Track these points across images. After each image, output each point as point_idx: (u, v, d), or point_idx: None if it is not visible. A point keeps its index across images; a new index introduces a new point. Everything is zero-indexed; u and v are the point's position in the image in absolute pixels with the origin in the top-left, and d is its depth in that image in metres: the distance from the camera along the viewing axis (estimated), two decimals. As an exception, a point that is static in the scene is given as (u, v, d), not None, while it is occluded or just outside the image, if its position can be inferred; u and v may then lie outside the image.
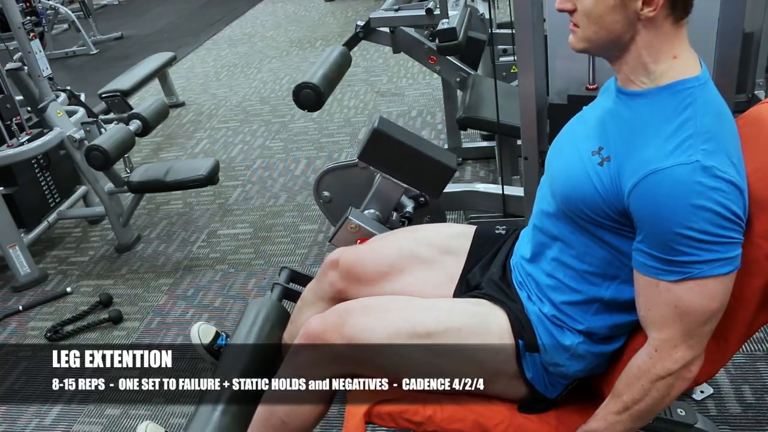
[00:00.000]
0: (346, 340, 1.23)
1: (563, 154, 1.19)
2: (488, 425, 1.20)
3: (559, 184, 1.16)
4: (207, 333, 1.73)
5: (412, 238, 1.46)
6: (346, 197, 2.19)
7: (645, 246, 1.01)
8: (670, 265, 0.99)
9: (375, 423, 1.22)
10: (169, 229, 3.14)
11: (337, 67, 2.55)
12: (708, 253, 0.96)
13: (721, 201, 0.94)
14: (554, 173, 1.20)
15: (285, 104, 4.50)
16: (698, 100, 1.00)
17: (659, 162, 0.96)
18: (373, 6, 6.60)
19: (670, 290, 1.00)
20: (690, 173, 0.94)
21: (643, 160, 0.98)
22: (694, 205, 0.94)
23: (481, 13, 3.18)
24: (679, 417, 1.49)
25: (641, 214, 0.99)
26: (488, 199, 2.32)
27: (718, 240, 0.96)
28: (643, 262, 1.02)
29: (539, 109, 1.72)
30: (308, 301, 1.56)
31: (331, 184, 2.20)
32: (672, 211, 0.95)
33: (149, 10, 8.37)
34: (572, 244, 1.16)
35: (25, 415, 2.12)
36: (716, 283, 0.98)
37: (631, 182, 0.99)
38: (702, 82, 1.02)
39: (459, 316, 1.23)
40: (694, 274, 0.98)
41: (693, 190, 0.94)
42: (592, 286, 1.16)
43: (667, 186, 0.95)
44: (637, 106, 1.05)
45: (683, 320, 1.01)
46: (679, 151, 0.96)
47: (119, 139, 2.61)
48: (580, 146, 1.12)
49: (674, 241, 0.96)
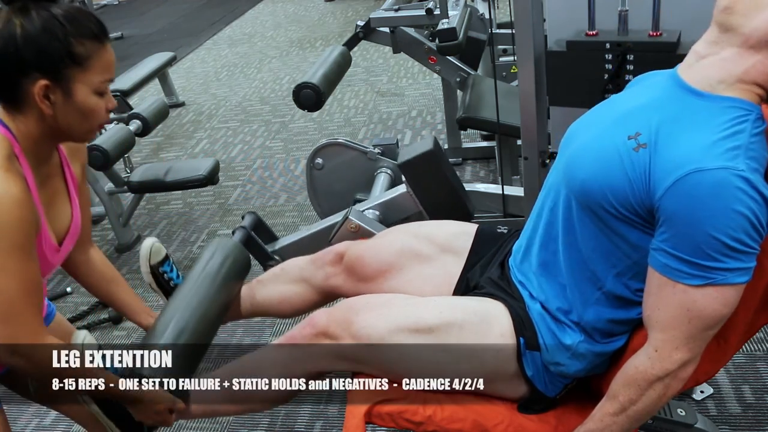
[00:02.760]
0: (353, 337, 1.23)
1: (591, 135, 1.15)
2: (488, 425, 1.20)
3: (583, 164, 1.12)
4: (158, 253, 1.63)
5: (413, 235, 1.46)
6: (337, 173, 2.19)
7: (669, 246, 1.00)
8: (695, 269, 0.98)
9: (375, 423, 1.22)
10: (169, 229, 3.14)
11: (337, 67, 2.55)
12: (734, 261, 0.96)
13: (756, 212, 0.95)
14: (576, 153, 1.16)
15: (285, 104, 4.50)
16: (754, 123, 1.00)
17: (704, 162, 0.96)
18: (373, 6, 6.60)
19: (686, 293, 0.99)
20: (734, 179, 0.94)
21: (686, 158, 0.97)
22: (734, 210, 0.94)
23: (481, 13, 3.18)
24: (679, 417, 1.49)
25: (676, 212, 0.98)
26: (488, 199, 2.32)
27: (745, 249, 0.96)
28: (665, 263, 1.01)
29: (539, 110, 1.72)
30: (291, 276, 1.55)
31: (329, 156, 2.18)
32: (711, 212, 0.94)
33: (149, 10, 8.37)
34: (577, 230, 1.14)
35: (25, 414, 2.12)
36: (732, 291, 0.98)
37: (671, 179, 0.97)
38: (759, 116, 1.02)
39: (461, 312, 1.23)
40: (717, 281, 0.97)
41: (735, 196, 0.94)
42: (593, 275, 1.15)
43: (709, 187, 0.95)
44: (694, 104, 1.03)
45: (692, 323, 1.01)
46: (726, 157, 0.96)
47: (119, 139, 2.61)
48: (614, 129, 1.09)
49: (706, 245, 0.96)
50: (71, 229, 1.17)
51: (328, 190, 2.22)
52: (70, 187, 1.18)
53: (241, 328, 2.36)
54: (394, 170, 2.16)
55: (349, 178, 2.18)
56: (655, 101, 1.09)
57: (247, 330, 2.35)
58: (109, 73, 1.05)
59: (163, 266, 1.65)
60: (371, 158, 2.14)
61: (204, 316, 1.44)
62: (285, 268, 1.60)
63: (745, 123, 1.00)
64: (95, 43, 1.02)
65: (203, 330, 1.43)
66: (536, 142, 1.75)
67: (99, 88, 1.03)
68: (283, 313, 1.60)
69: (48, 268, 1.14)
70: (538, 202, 1.27)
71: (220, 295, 1.52)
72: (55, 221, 1.13)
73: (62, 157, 1.16)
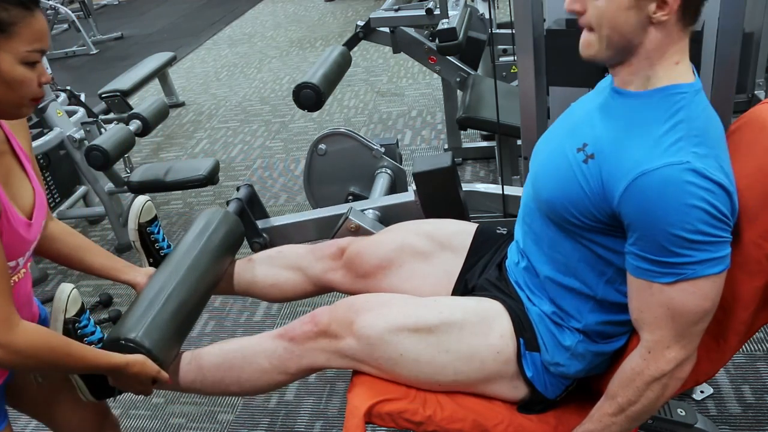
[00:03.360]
0: (353, 336, 1.23)
1: (548, 150, 1.18)
2: (488, 425, 1.20)
3: (543, 182, 1.15)
4: (149, 212, 1.60)
5: (413, 232, 1.46)
6: (337, 163, 2.20)
7: (637, 249, 1.01)
8: (664, 267, 0.98)
9: (375, 423, 1.22)
10: (169, 229, 3.14)
11: (337, 67, 2.55)
12: (701, 253, 0.96)
13: (711, 201, 0.94)
14: (538, 170, 1.19)
15: (285, 104, 4.50)
16: (690, 104, 1.00)
17: (649, 163, 0.96)
18: (373, 6, 6.61)
19: (663, 292, 1.00)
20: (680, 173, 0.94)
21: (633, 162, 0.98)
22: (686, 205, 0.94)
23: (481, 13, 3.18)
24: (679, 417, 1.49)
25: (633, 216, 0.99)
26: (488, 199, 2.32)
27: (709, 240, 0.96)
28: (636, 265, 1.02)
29: (539, 110, 1.72)
30: (288, 262, 1.55)
31: (334, 144, 2.18)
32: (664, 211, 0.95)
33: (149, 10, 8.37)
34: (558, 243, 1.16)
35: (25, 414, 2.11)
36: (708, 283, 0.98)
37: (622, 185, 0.98)
38: (696, 89, 1.02)
39: (461, 313, 1.23)
40: (687, 275, 0.97)
41: (684, 190, 0.94)
42: (584, 285, 1.15)
43: (658, 187, 0.95)
44: (629, 106, 1.04)
45: (676, 321, 1.01)
46: (670, 153, 0.96)
47: (119, 139, 2.61)
48: (565, 142, 1.12)
49: (668, 242, 0.96)
50: (37, 202, 1.13)
51: (325, 178, 2.22)
52: (23, 161, 1.14)
53: (241, 328, 2.36)
54: (394, 171, 2.16)
55: (348, 169, 2.19)
56: (598, 108, 1.10)
57: (247, 329, 2.35)
58: (40, 42, 0.99)
59: (151, 226, 1.61)
60: (375, 156, 2.14)
61: (195, 286, 1.41)
62: (282, 252, 1.59)
63: (683, 110, 0.99)
64: (21, 10, 0.96)
65: (194, 300, 1.40)
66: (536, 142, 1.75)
67: (27, 58, 0.98)
68: (272, 296, 1.60)
69: (25, 245, 1.10)
70: (521, 205, 1.28)
71: (213, 265, 1.49)
72: (17, 198, 1.09)
73: (6, 133, 1.12)
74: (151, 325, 1.26)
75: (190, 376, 1.35)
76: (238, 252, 1.65)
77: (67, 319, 1.24)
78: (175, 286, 1.36)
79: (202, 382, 1.35)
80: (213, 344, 1.39)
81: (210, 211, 1.64)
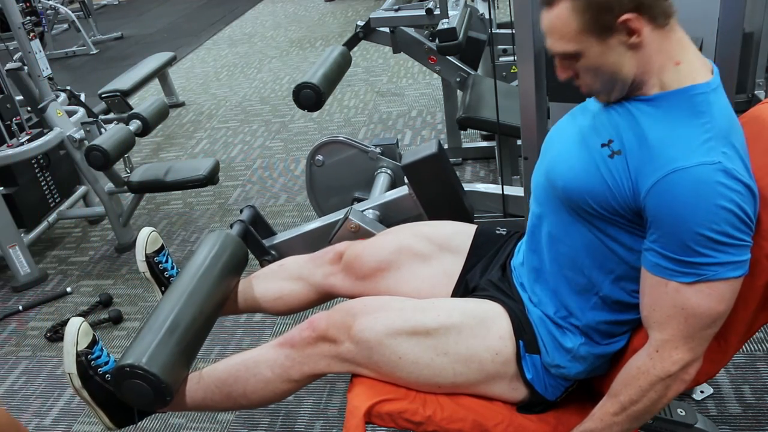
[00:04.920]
0: (352, 341, 1.23)
1: (564, 142, 1.17)
2: (488, 425, 1.20)
3: (560, 173, 1.14)
4: (155, 242, 1.60)
5: (412, 234, 1.46)
6: (337, 171, 2.19)
7: (659, 246, 1.00)
8: (685, 266, 0.98)
9: (375, 423, 1.22)
10: (169, 229, 3.14)
11: (337, 67, 2.55)
12: (723, 255, 0.96)
13: (739, 203, 0.95)
14: (553, 161, 1.18)
15: (285, 104, 4.50)
16: (713, 105, 1.00)
17: (683, 160, 0.96)
18: (373, 6, 6.61)
19: (679, 291, 1.00)
20: (713, 173, 0.94)
21: (665, 158, 0.97)
22: (716, 205, 0.94)
23: (481, 13, 3.18)
24: (679, 417, 1.49)
25: (660, 212, 0.98)
26: (488, 199, 2.32)
27: (734, 242, 0.96)
28: (656, 263, 1.01)
29: (539, 110, 1.72)
30: (290, 274, 1.56)
31: (330, 153, 2.17)
32: (693, 209, 0.95)
33: (149, 10, 8.37)
34: (567, 232, 1.15)
35: (25, 415, 2.12)
36: (726, 286, 0.98)
37: (651, 180, 0.98)
38: (713, 88, 1.02)
39: (459, 315, 1.23)
40: (708, 276, 0.97)
41: (715, 191, 0.94)
42: (590, 280, 1.15)
43: (689, 185, 0.95)
44: (648, 108, 1.04)
45: (688, 322, 1.00)
46: (702, 151, 0.96)
47: (119, 139, 2.61)
48: (587, 136, 1.11)
49: (693, 241, 0.96)
50: None
51: (327, 187, 2.21)
52: None
53: (241, 328, 2.36)
54: (394, 170, 2.15)
55: (348, 176, 2.18)
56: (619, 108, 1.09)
57: (247, 330, 2.35)
58: None
59: (159, 256, 1.64)
60: (372, 157, 2.14)
61: (200, 310, 1.43)
62: (284, 265, 1.60)
63: (707, 110, 0.99)
64: None
65: (199, 323, 1.42)
66: (536, 142, 1.75)
67: None
68: (278, 309, 1.60)
69: None
70: (531, 203, 1.27)
71: (217, 288, 1.51)
72: None
73: None
74: (157, 351, 1.29)
75: (200, 395, 1.37)
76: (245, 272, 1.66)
77: (79, 352, 1.27)
78: (180, 311, 1.39)
79: (212, 399, 1.37)
80: (219, 361, 1.40)
81: (214, 235, 1.66)
